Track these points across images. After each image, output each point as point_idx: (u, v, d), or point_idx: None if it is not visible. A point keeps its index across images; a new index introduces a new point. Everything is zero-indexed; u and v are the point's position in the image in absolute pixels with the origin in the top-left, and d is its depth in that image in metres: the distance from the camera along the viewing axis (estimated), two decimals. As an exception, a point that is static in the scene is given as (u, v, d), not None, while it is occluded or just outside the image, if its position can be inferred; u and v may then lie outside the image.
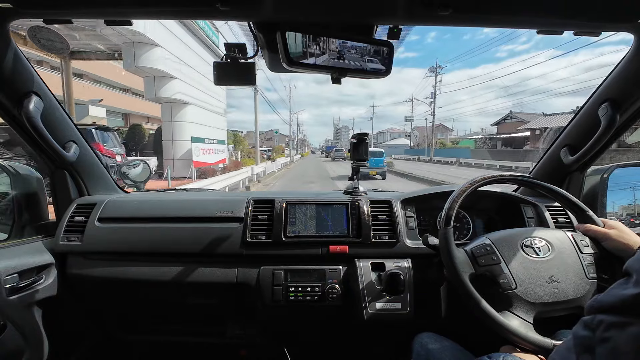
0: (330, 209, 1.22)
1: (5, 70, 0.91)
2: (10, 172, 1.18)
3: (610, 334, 0.39)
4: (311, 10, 0.78)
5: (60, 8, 0.79)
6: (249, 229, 1.17)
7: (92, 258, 1.17)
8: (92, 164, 1.33)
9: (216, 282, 1.15)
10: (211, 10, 0.76)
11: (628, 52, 0.95)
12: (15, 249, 1.07)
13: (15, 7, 0.77)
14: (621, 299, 0.40)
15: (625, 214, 1.29)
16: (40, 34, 0.87)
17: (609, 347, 0.39)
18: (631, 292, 0.39)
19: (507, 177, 1.02)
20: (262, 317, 1.22)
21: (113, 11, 0.80)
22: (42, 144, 1.06)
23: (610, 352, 0.38)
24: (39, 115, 0.99)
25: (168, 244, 1.17)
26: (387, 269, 1.11)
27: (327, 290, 1.10)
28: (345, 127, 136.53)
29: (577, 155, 1.13)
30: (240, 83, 0.94)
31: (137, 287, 1.19)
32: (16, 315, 1.02)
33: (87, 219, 1.20)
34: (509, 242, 0.89)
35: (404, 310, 1.07)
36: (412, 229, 1.22)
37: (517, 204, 1.27)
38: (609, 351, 0.39)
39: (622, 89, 1.00)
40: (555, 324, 0.82)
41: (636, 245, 0.80)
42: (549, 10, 0.78)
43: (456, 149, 37.43)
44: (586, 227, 0.90)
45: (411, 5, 0.74)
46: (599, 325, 0.41)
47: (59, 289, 1.15)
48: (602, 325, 0.41)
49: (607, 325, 0.40)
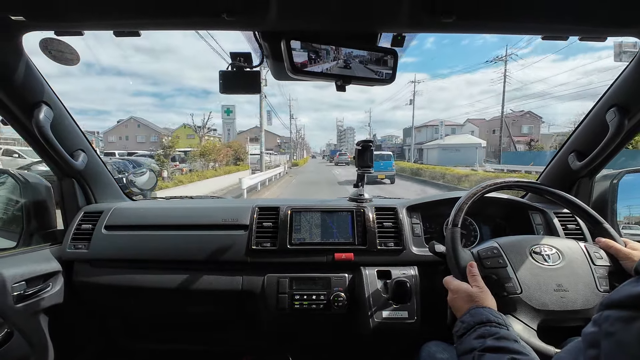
0: (335, 216, 1.22)
1: (17, 80, 0.94)
2: (20, 180, 1.20)
3: (615, 328, 0.39)
4: (315, 19, 0.79)
5: (71, 20, 0.82)
6: (254, 236, 1.17)
7: (98, 265, 1.18)
8: (100, 172, 1.34)
9: (221, 289, 1.14)
10: (217, 20, 0.77)
11: (635, 57, 0.95)
12: (24, 256, 1.08)
13: (28, 20, 0.79)
14: (630, 295, 0.40)
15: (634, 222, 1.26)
16: (51, 46, 0.90)
17: (614, 340, 0.39)
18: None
19: (514, 183, 1.01)
20: (267, 325, 1.21)
21: (122, 23, 0.82)
22: (51, 153, 1.08)
23: (615, 345, 0.38)
24: (48, 125, 1.01)
25: (173, 251, 1.17)
26: (393, 276, 1.09)
27: (333, 299, 1.09)
28: (350, 128, 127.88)
29: (586, 161, 1.11)
30: (246, 91, 0.95)
31: (143, 294, 1.19)
32: (23, 323, 1.02)
33: (94, 226, 1.21)
34: (518, 247, 0.87)
35: (410, 319, 1.06)
36: (418, 236, 1.21)
37: (525, 210, 1.25)
38: (614, 344, 0.39)
39: (629, 94, 0.99)
40: (561, 334, 0.80)
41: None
42: (554, 16, 0.78)
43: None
44: (608, 243, 0.86)
45: (415, 13, 0.75)
46: (606, 320, 0.41)
47: (66, 297, 1.15)
48: (609, 320, 0.41)
49: (614, 319, 0.40)
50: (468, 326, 0.67)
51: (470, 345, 0.63)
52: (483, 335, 0.63)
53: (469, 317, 0.69)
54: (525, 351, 0.59)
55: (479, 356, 0.59)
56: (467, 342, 0.65)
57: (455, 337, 0.70)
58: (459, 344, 0.67)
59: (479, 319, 0.67)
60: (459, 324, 0.70)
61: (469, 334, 0.65)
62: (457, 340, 0.69)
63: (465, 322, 0.68)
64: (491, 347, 0.59)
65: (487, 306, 0.71)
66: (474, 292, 0.75)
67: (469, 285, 0.78)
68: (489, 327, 0.64)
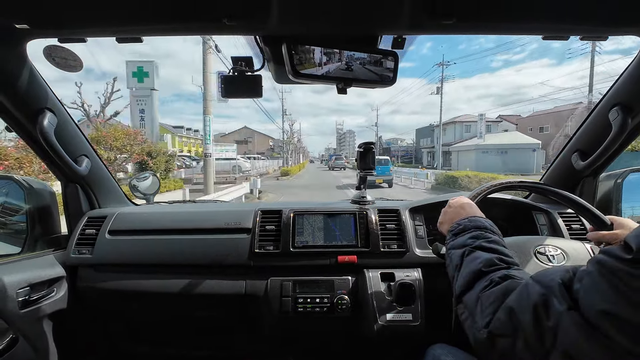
0: (338, 219, 1.22)
1: (21, 87, 0.95)
2: (25, 186, 1.21)
3: (593, 268, 0.44)
4: (316, 22, 0.80)
5: (74, 28, 0.83)
6: (257, 239, 1.17)
7: (102, 270, 1.18)
8: (103, 177, 1.35)
9: (224, 293, 1.14)
10: (219, 25, 0.78)
11: (637, 56, 0.94)
12: (28, 262, 1.09)
13: (32, 28, 0.80)
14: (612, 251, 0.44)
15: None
16: (55, 53, 0.91)
17: (590, 277, 0.44)
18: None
19: (517, 183, 1.00)
20: (270, 329, 1.21)
21: (124, 29, 0.83)
22: (55, 159, 1.09)
23: (591, 281, 0.44)
24: (52, 131, 1.02)
25: (177, 255, 1.17)
26: (397, 279, 1.09)
27: (337, 302, 1.09)
28: (350, 131, 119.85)
29: (589, 160, 1.11)
30: (248, 95, 0.95)
31: (146, 299, 1.19)
32: (28, 328, 1.03)
33: (98, 231, 1.22)
34: (522, 248, 0.87)
35: (415, 322, 1.05)
36: (422, 237, 1.20)
37: (528, 211, 1.25)
38: (590, 281, 0.44)
39: (632, 93, 0.99)
40: None
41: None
42: (554, 16, 0.78)
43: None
44: (598, 234, 0.86)
45: (415, 16, 0.75)
46: (591, 261, 0.46)
47: (70, 302, 1.15)
48: (592, 261, 0.46)
49: (595, 261, 0.45)
50: (465, 228, 0.73)
51: (463, 242, 0.70)
52: (477, 237, 0.69)
53: (467, 221, 0.75)
54: (512, 255, 0.65)
55: (469, 251, 0.66)
56: (460, 240, 0.71)
57: (450, 234, 0.76)
58: (451, 240, 0.74)
59: (476, 224, 0.73)
60: (455, 225, 0.77)
61: (464, 234, 0.72)
62: (450, 238, 0.75)
63: (462, 224, 0.75)
64: (482, 247, 0.66)
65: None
66: (474, 206, 0.82)
67: (472, 201, 0.85)
68: (484, 231, 0.71)
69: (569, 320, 0.43)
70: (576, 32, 0.86)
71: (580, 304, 0.43)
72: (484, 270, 0.60)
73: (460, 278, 0.64)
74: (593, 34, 0.86)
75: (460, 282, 0.64)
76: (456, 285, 0.65)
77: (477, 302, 0.57)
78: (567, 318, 0.43)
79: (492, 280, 0.57)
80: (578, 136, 1.19)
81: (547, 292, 0.47)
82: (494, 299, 0.54)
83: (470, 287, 0.61)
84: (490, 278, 0.58)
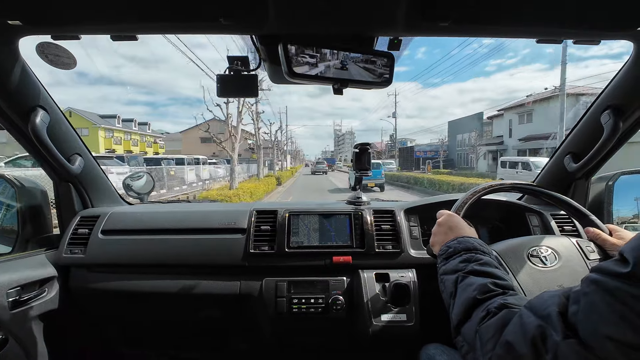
0: (334, 219, 1.22)
1: (13, 85, 0.93)
2: (16, 185, 1.19)
3: (590, 289, 0.43)
4: (312, 23, 0.80)
5: (68, 25, 0.81)
6: (252, 240, 1.16)
7: (95, 270, 1.17)
8: (97, 177, 1.34)
9: (219, 294, 1.14)
10: (214, 24, 0.78)
11: (628, 60, 0.96)
12: (19, 262, 1.07)
13: (25, 24, 0.79)
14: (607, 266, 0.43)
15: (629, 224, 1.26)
16: (48, 50, 0.90)
17: (588, 299, 0.42)
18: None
19: (510, 185, 1.01)
20: (265, 329, 1.20)
21: (119, 27, 0.82)
22: (47, 157, 1.07)
23: (589, 303, 0.42)
24: (45, 129, 1.01)
25: (171, 255, 1.16)
26: (391, 279, 1.09)
27: (331, 302, 1.09)
28: (350, 132, 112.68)
29: (581, 163, 1.12)
30: (243, 95, 0.95)
31: (140, 299, 1.18)
32: (18, 329, 1.01)
33: (91, 231, 1.20)
34: (515, 253, 0.87)
35: (409, 322, 1.05)
36: (416, 238, 1.21)
37: (522, 212, 1.26)
38: (588, 303, 0.42)
39: (623, 96, 1.00)
40: None
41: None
42: (548, 19, 0.79)
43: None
44: (596, 233, 0.89)
45: (411, 17, 0.75)
46: (585, 280, 0.45)
47: (62, 302, 1.14)
48: (586, 281, 0.44)
49: (590, 281, 0.44)
50: (455, 251, 0.72)
51: (454, 267, 0.68)
52: (468, 260, 0.68)
53: (456, 243, 0.74)
54: (506, 277, 0.64)
55: (462, 277, 0.65)
56: (451, 264, 0.70)
57: (440, 259, 0.75)
58: (443, 264, 0.73)
59: (466, 246, 0.72)
60: (444, 248, 0.75)
61: (455, 258, 0.71)
62: (441, 262, 0.74)
63: (452, 247, 0.73)
64: (475, 271, 0.65)
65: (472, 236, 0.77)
66: (461, 224, 0.82)
67: (459, 217, 0.85)
68: (474, 253, 0.69)
69: (567, 349, 0.42)
70: (569, 36, 0.87)
71: (579, 329, 0.42)
72: (479, 298, 0.59)
73: (456, 307, 0.62)
74: (586, 37, 0.87)
75: (456, 311, 0.62)
76: (452, 314, 0.63)
77: (476, 335, 0.55)
78: (565, 348, 0.42)
79: (489, 311, 0.55)
80: (571, 139, 1.20)
81: (543, 323, 0.45)
82: (492, 332, 0.52)
83: (468, 316, 0.59)
84: (487, 308, 0.56)
